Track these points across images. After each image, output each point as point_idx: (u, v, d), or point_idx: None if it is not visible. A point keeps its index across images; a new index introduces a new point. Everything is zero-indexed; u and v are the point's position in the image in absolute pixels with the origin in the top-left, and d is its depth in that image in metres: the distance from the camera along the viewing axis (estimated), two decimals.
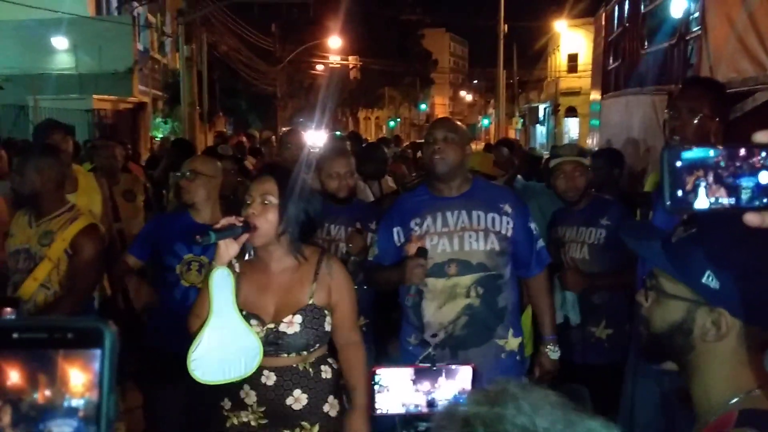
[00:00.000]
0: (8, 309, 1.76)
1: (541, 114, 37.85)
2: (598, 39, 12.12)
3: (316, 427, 2.26)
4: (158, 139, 15.92)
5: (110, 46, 17.71)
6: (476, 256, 2.64)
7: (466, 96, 67.25)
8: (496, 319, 2.68)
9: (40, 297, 2.92)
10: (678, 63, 6.17)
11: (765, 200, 0.75)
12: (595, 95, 12.25)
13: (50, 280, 2.92)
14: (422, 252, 2.53)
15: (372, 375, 1.37)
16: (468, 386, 1.38)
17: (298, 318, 2.21)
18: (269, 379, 2.22)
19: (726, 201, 0.76)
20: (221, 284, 2.05)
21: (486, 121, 45.82)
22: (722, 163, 0.75)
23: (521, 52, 36.61)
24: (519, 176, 5.61)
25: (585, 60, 27.42)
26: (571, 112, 32.46)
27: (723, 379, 1.11)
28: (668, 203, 0.77)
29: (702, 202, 0.76)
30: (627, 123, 7.75)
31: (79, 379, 0.47)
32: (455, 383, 1.37)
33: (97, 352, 0.48)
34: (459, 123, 2.98)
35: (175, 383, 2.96)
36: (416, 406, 1.37)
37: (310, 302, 2.23)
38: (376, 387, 1.35)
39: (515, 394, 0.69)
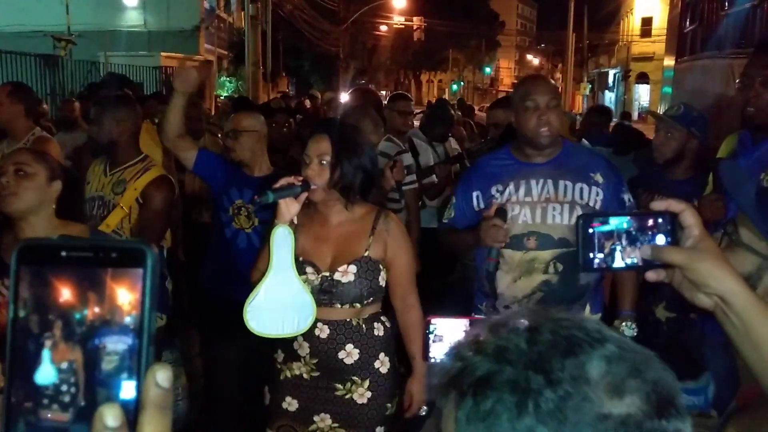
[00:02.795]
0: None
1: (610, 80, 36.67)
2: (674, 0, 11.58)
3: (367, 383, 2.30)
4: (223, 97, 16.20)
5: (177, 4, 18.02)
6: (558, 230, 2.45)
7: (533, 60, 65.60)
8: (573, 297, 2.50)
9: None
10: (761, 25, 5.84)
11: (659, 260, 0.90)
12: (669, 60, 11.76)
13: (122, 227, 3.02)
14: (501, 213, 2.35)
15: (427, 324, 1.38)
16: None
17: (353, 268, 2.24)
18: (323, 332, 2.26)
19: (631, 261, 0.90)
20: (281, 242, 2.11)
21: None
22: (629, 229, 0.90)
23: (592, 14, 35.30)
24: (584, 140, 5.47)
25: (659, 24, 26.31)
26: (643, 78, 31.34)
27: None
28: (581, 265, 0.91)
29: (610, 262, 0.90)
30: (702, 89, 7.41)
31: (126, 297, 0.49)
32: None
33: (140, 271, 0.49)
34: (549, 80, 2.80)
35: (231, 332, 3.07)
36: None
37: (366, 254, 2.26)
38: (430, 336, 1.36)
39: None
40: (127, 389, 0.49)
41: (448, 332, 1.34)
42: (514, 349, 0.63)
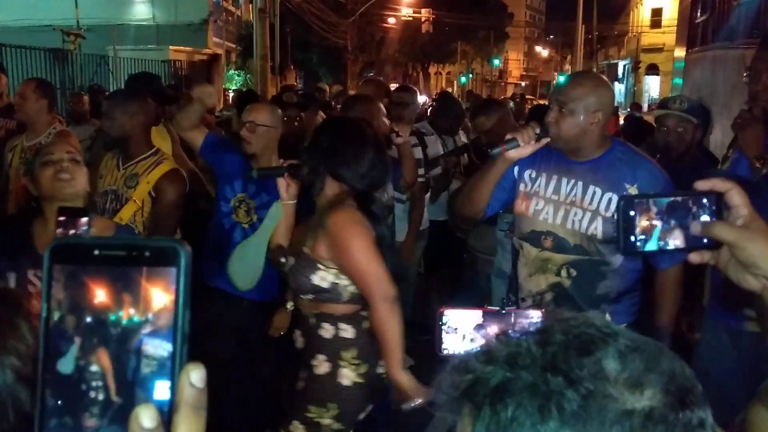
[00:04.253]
0: (83, 219, 1.85)
1: (620, 71, 36.43)
2: None
3: (305, 374, 2.33)
4: (231, 91, 16.20)
5: None
6: (575, 236, 2.37)
7: (542, 51, 65.23)
8: (588, 304, 2.38)
9: None
10: None
11: (705, 240, 0.87)
12: (680, 51, 11.67)
13: (135, 220, 3.04)
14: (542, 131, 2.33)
15: (439, 315, 1.37)
16: None
17: (292, 260, 2.33)
18: (291, 314, 2.50)
19: (674, 243, 0.88)
20: (272, 215, 2.71)
21: (561, 78, 44.44)
22: (671, 210, 0.87)
23: (602, 5, 35.04)
24: None
25: (670, 15, 26.09)
26: (653, 69, 31.12)
27: None
28: (621, 248, 0.89)
29: (652, 245, 0.87)
30: (712, 80, 7.35)
31: (159, 296, 0.49)
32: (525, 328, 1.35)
33: (174, 269, 0.49)
34: (592, 82, 2.43)
35: (225, 324, 3.10)
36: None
37: (304, 250, 2.28)
38: (443, 328, 1.35)
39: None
40: (162, 390, 0.49)
41: (462, 324, 1.34)
42: (526, 354, 0.61)
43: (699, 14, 9.50)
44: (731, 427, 1.31)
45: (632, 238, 0.87)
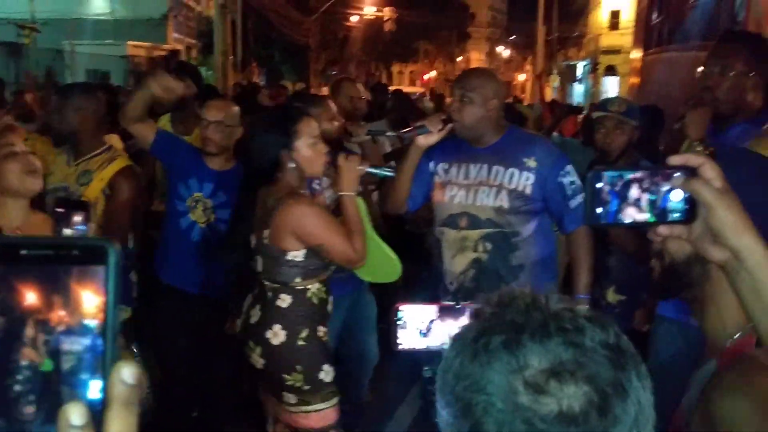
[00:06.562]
0: (81, 213, 1.80)
1: (579, 72, 37.01)
2: None
3: (258, 349, 2.37)
4: None
5: None
6: (485, 211, 2.65)
7: (503, 52, 65.91)
8: (507, 275, 2.65)
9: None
10: (725, 17, 5.94)
11: (676, 215, 0.87)
12: (637, 53, 11.92)
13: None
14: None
15: (395, 311, 1.38)
16: None
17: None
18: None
19: (642, 217, 0.86)
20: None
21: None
22: (641, 183, 0.86)
23: (562, 7, 35.54)
24: (556, 133, 5.53)
25: (628, 17, 26.61)
26: (611, 71, 31.66)
27: (738, 306, 1.13)
28: (587, 220, 0.88)
29: (619, 218, 0.86)
30: (669, 81, 7.53)
31: (89, 294, 0.48)
32: None
33: (102, 268, 0.49)
34: (486, 74, 2.89)
35: (184, 323, 3.06)
36: (440, 343, 1.39)
37: (264, 241, 2.36)
38: (399, 323, 1.36)
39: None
40: (94, 388, 0.48)
41: (414, 319, 1.35)
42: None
43: (655, 17, 9.72)
44: (676, 414, 1.35)
45: (598, 210, 0.86)
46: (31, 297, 0.48)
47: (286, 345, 2.33)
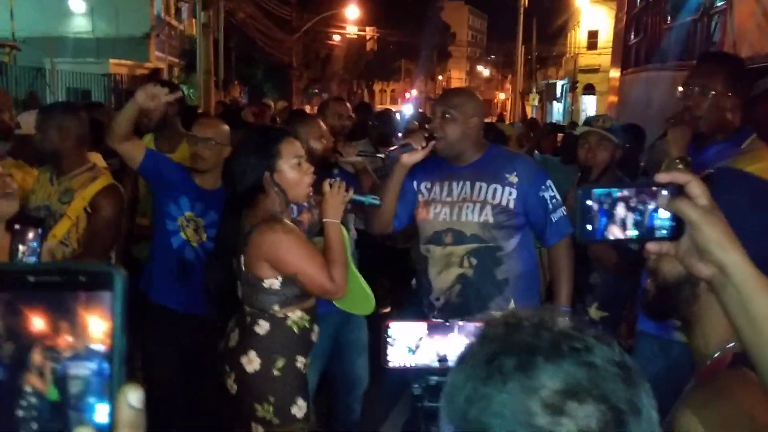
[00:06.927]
0: (36, 230, 1.77)
1: (558, 91, 37.44)
2: (620, 13, 11.94)
3: (233, 375, 2.31)
4: None
5: (127, 11, 17.68)
6: (470, 227, 2.68)
7: (484, 71, 66.55)
8: (492, 290, 2.68)
9: (59, 254, 2.95)
10: (701, 39, 6.07)
11: (663, 232, 0.88)
12: (615, 72, 12.10)
13: (69, 237, 2.95)
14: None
15: (384, 329, 1.38)
16: None
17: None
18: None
19: (630, 233, 0.88)
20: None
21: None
22: (629, 201, 0.87)
23: (541, 27, 36.01)
24: (537, 152, 5.58)
25: (605, 37, 27.03)
26: (589, 89, 32.09)
27: (721, 326, 1.19)
28: (578, 237, 0.88)
29: (609, 234, 0.88)
30: (646, 101, 7.65)
31: (95, 320, 0.49)
32: (468, 340, 1.38)
33: (109, 293, 0.49)
34: (466, 93, 2.91)
35: (174, 342, 3.03)
36: (428, 360, 1.39)
37: (242, 267, 2.32)
38: (388, 340, 1.37)
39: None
40: (102, 412, 0.49)
41: (404, 336, 1.35)
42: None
43: (632, 37, 9.89)
44: None
45: (589, 227, 0.87)
46: (38, 323, 0.49)
47: (260, 373, 2.26)
